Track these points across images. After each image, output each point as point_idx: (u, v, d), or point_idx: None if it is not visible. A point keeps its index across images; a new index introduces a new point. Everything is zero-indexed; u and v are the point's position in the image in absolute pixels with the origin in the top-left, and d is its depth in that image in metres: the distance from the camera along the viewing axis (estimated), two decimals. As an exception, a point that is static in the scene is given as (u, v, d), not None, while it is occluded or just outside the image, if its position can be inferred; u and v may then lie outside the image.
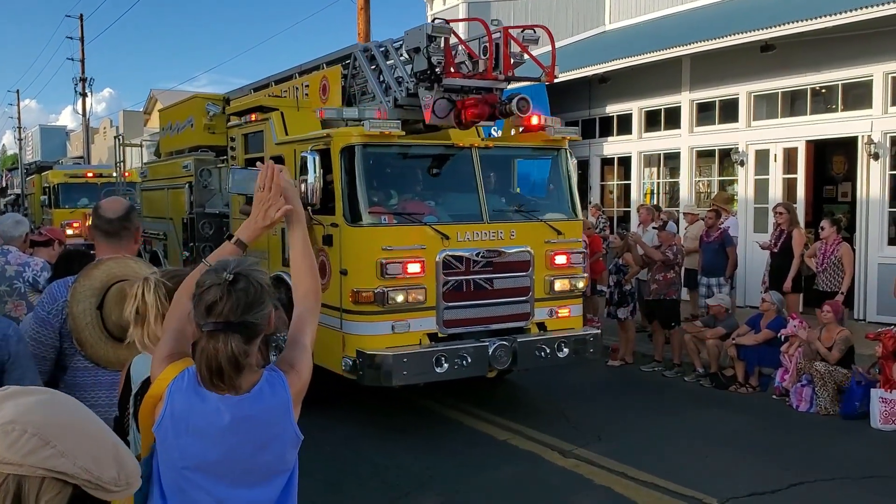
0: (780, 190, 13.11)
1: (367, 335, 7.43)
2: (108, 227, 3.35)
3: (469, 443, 7.48)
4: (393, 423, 8.05)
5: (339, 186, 7.56)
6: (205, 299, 2.18)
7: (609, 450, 7.13)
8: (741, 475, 6.55)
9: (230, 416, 2.21)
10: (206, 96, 11.75)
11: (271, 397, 2.25)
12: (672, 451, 7.20)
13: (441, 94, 7.82)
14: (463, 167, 7.96)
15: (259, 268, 2.30)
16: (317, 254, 7.85)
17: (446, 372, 7.36)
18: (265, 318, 2.22)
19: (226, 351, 2.14)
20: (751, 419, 8.22)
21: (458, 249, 7.60)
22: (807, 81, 12.83)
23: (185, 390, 2.23)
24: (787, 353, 8.81)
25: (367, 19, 16.11)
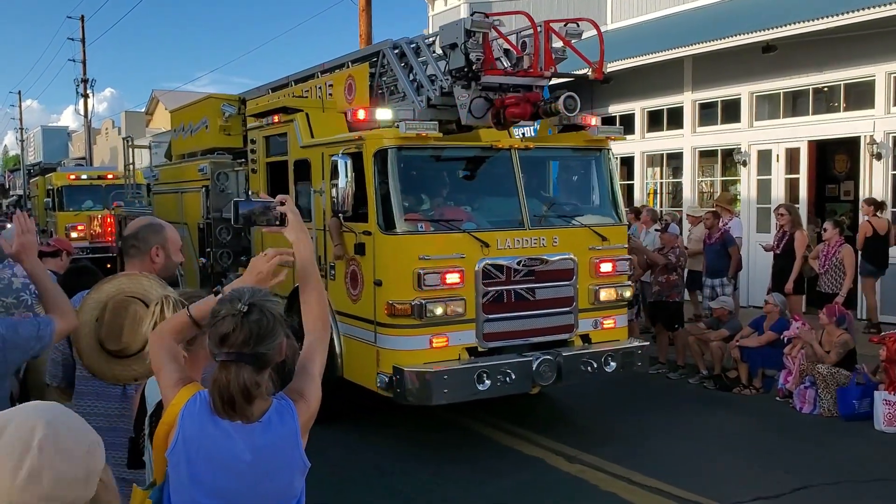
0: (783, 190, 13.22)
1: (404, 350, 6.98)
2: (123, 245, 3.58)
3: (474, 448, 7.36)
4: (398, 429, 7.89)
5: (373, 192, 7.10)
6: (219, 329, 2.22)
7: (614, 454, 7.07)
8: (745, 479, 6.56)
9: (240, 442, 2.25)
10: (221, 97, 11.29)
11: (280, 426, 2.30)
12: (676, 454, 7.20)
13: (478, 92, 7.36)
14: (502, 170, 7.50)
15: (273, 298, 2.34)
16: (347, 263, 7.42)
17: (489, 389, 6.91)
18: (277, 348, 2.28)
19: (237, 382, 2.18)
20: (754, 421, 8.19)
21: (498, 258, 7.15)
22: (809, 82, 12.86)
23: (198, 415, 2.28)
24: (791, 355, 8.75)
25: (368, 21, 16.02)
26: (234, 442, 2.25)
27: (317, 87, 9.41)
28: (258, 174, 9.25)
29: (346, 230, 7.32)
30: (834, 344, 8.38)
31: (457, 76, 7.29)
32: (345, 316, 7.63)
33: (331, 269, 7.82)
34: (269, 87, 10.77)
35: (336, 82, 8.97)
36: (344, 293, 7.59)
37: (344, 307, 7.63)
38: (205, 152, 11.77)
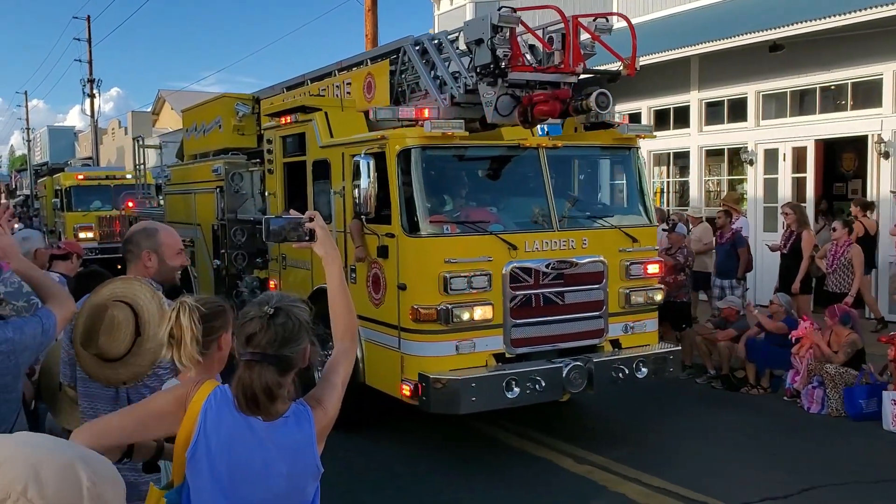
0: (790, 189, 13.18)
1: (430, 356, 6.74)
2: (122, 250, 3.58)
3: (483, 449, 7.30)
4: (407, 431, 7.77)
5: (396, 193, 6.86)
6: (245, 330, 2.30)
7: (622, 455, 7.04)
8: (753, 480, 6.53)
9: (259, 437, 2.33)
10: (235, 96, 11.05)
11: (296, 429, 2.35)
12: (684, 455, 7.21)
13: (504, 89, 7.11)
14: (529, 169, 7.27)
15: (300, 304, 2.40)
16: (370, 266, 7.17)
17: (518, 397, 6.67)
18: (301, 353, 2.34)
19: (260, 381, 2.25)
20: (762, 421, 8.15)
21: (526, 261, 6.90)
22: (816, 80, 12.79)
23: (218, 408, 2.35)
24: (798, 355, 8.71)
25: (374, 21, 15.98)
26: (251, 439, 2.33)
27: (334, 85, 9.17)
28: (275, 175, 9.01)
29: (369, 232, 7.08)
30: (842, 344, 8.35)
31: (482, 73, 7.03)
32: (366, 320, 7.39)
33: (351, 273, 7.58)
34: (284, 86, 10.52)
35: (354, 80, 8.73)
36: (365, 297, 7.34)
37: (365, 311, 7.39)
38: (217, 152, 11.54)
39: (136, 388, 3.30)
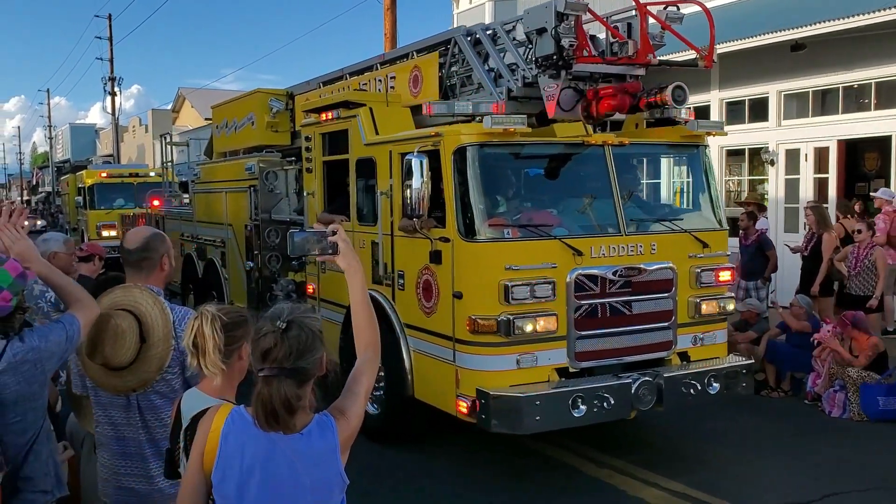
0: (811, 189, 12.97)
1: (488, 371, 6.17)
2: (128, 258, 3.46)
3: (503, 452, 7.03)
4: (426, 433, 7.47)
5: (452, 194, 6.29)
6: (260, 345, 2.30)
7: (642, 458, 6.88)
8: (774, 484, 6.40)
9: (282, 451, 2.31)
10: (269, 91, 10.51)
11: (320, 440, 2.34)
12: (704, 459, 7.03)
13: (568, 82, 6.52)
14: (595, 169, 6.67)
15: (312, 314, 2.41)
16: (421, 273, 6.61)
17: (584, 416, 6.09)
18: (317, 362, 2.35)
19: (279, 395, 2.24)
20: (783, 425, 7.97)
21: (592, 267, 6.32)
22: (838, 80, 12.54)
23: (238, 430, 2.35)
24: (820, 358, 8.56)
25: (393, 20, 15.79)
26: (275, 454, 2.32)
27: (376, 79, 8.60)
28: (313, 174, 8.45)
29: (422, 237, 6.51)
30: (864, 347, 8.20)
31: (544, 64, 6.44)
32: (416, 329, 6.83)
33: (399, 278, 7.02)
34: (320, 81, 9.96)
35: (399, 74, 8.16)
36: (415, 304, 6.78)
37: (415, 320, 6.83)
38: (249, 150, 11.02)
39: (146, 395, 3.31)
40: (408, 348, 6.93)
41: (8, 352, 2.93)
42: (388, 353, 7.11)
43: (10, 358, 2.92)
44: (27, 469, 3.02)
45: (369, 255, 7.47)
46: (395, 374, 7.05)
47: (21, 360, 2.94)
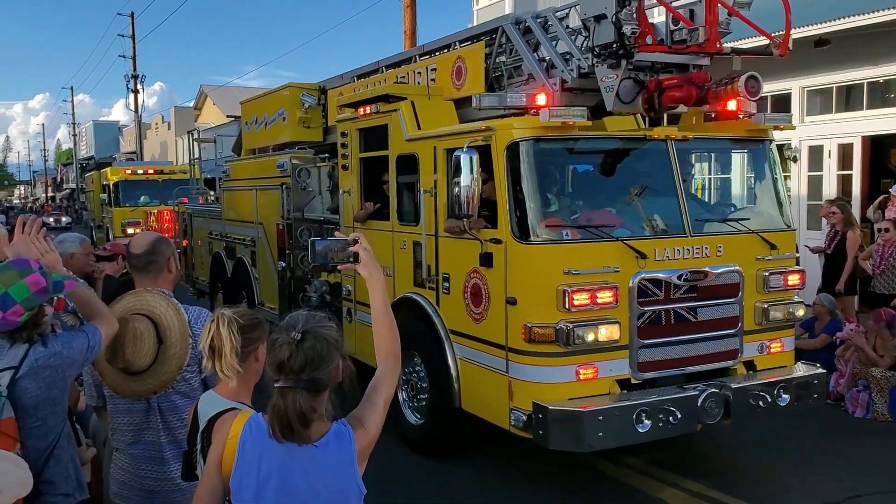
0: (835, 186, 12.56)
1: (546, 383, 5.67)
2: (136, 263, 3.45)
3: (518, 452, 6.67)
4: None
5: (504, 192, 5.80)
6: (276, 357, 2.28)
7: (660, 458, 6.72)
8: (795, 486, 6.25)
9: (299, 462, 2.29)
10: (300, 86, 10.04)
11: (337, 450, 2.32)
12: (724, 459, 6.86)
13: (628, 73, 6.00)
14: (657, 165, 6.16)
15: (327, 323, 2.36)
16: (469, 276, 6.12)
17: (649, 431, 5.58)
18: (333, 372, 2.32)
19: (294, 407, 2.22)
20: (805, 425, 7.60)
21: (656, 271, 5.81)
22: (863, 76, 12.12)
23: (256, 438, 2.33)
24: (843, 358, 8.41)
25: (413, 16, 15.57)
26: (292, 463, 2.29)
27: (415, 72, 8.11)
28: (349, 171, 7.98)
29: (471, 238, 6.01)
30: (888, 347, 8.03)
31: (602, 54, 5.92)
32: (463, 336, 6.35)
33: (444, 282, 6.53)
34: (354, 75, 9.48)
35: (440, 66, 7.66)
36: (462, 310, 6.30)
37: (462, 326, 6.35)
38: (279, 147, 10.57)
39: (167, 396, 3.28)
40: (454, 356, 6.46)
41: (30, 356, 2.94)
42: (433, 361, 6.65)
43: (31, 363, 2.93)
44: (48, 473, 3.03)
45: (410, 256, 7.00)
46: (439, 383, 6.58)
47: (43, 364, 2.94)
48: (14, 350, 2.95)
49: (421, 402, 6.95)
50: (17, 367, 2.92)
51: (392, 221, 7.27)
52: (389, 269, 7.33)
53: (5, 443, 2.82)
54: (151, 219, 21.08)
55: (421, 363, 6.88)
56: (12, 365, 2.92)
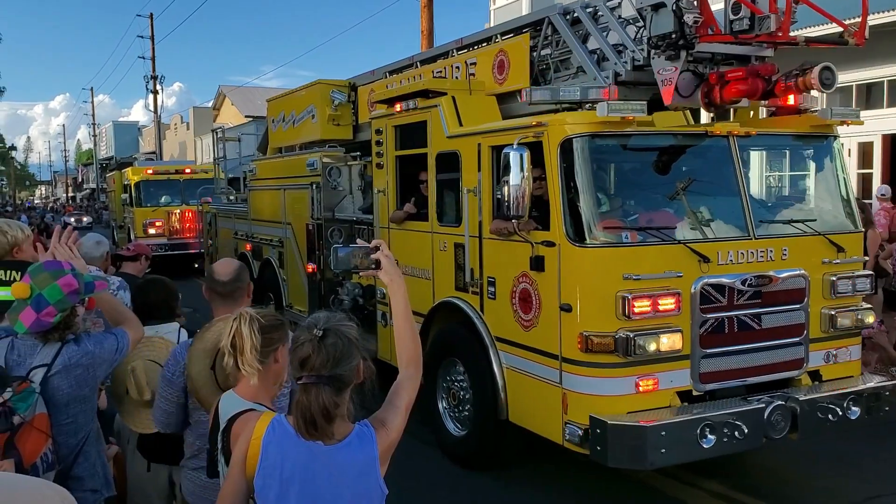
0: (855, 185, 12.03)
1: (603, 395, 5.25)
2: (222, 290, 3.46)
3: (534, 452, 6.42)
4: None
5: (558, 192, 5.38)
6: (298, 354, 2.30)
7: None
8: (817, 486, 6.11)
9: (322, 462, 2.29)
10: (330, 83, 9.65)
11: (359, 451, 2.32)
12: (744, 460, 6.51)
13: (687, 65, 5.58)
14: (718, 163, 5.72)
15: (348, 322, 2.38)
16: (517, 281, 5.71)
17: (713, 447, 5.15)
18: (354, 370, 2.33)
19: (318, 403, 2.24)
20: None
21: (720, 276, 5.38)
22: (884, 73, 11.92)
23: (279, 439, 2.34)
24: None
25: (430, 17, 15.43)
26: (315, 464, 2.29)
27: (453, 66, 7.70)
28: (384, 169, 7.58)
29: (521, 240, 5.60)
30: None
31: (659, 44, 5.50)
32: (509, 344, 5.95)
33: (489, 286, 6.13)
34: (386, 71, 9.08)
35: (481, 60, 7.25)
36: (509, 316, 5.89)
37: (508, 334, 5.94)
38: (307, 145, 10.20)
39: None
40: (500, 365, 6.05)
41: (63, 354, 2.99)
42: (476, 369, 6.25)
43: (64, 361, 2.98)
44: (77, 469, 3.07)
45: (451, 258, 6.60)
46: (484, 393, 6.18)
47: (75, 363, 2.99)
48: (47, 348, 3.00)
49: (463, 412, 6.55)
50: (49, 365, 2.96)
51: (431, 222, 6.88)
52: (428, 272, 6.94)
53: (38, 438, 2.84)
54: (174, 218, 20.81)
55: (464, 372, 6.47)
56: (45, 362, 2.96)
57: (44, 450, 2.86)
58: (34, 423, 2.83)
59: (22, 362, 2.99)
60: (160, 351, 3.71)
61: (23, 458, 2.77)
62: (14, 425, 2.77)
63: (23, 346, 3.02)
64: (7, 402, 2.78)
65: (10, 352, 3.01)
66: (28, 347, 3.02)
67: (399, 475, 2.84)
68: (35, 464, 2.81)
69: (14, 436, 2.77)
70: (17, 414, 2.79)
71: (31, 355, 3.00)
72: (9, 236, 4.19)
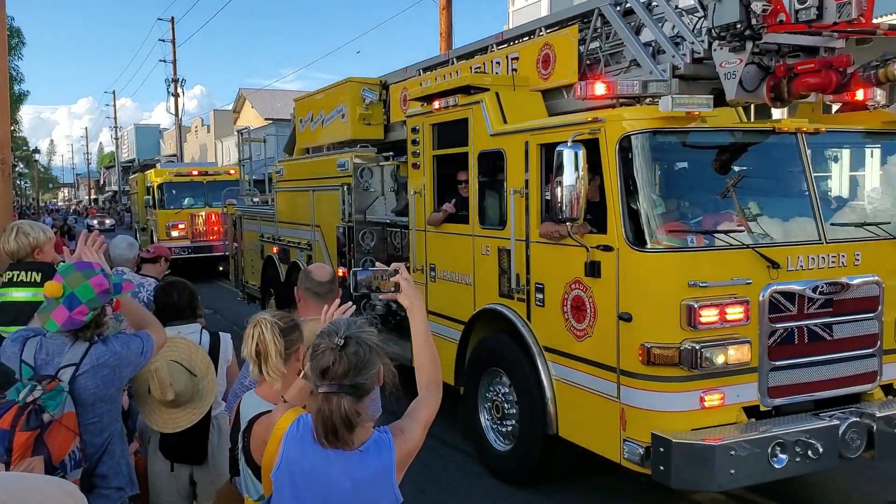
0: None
1: (665, 411, 4.83)
2: (320, 290, 3.61)
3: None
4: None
5: (616, 192, 4.97)
6: (319, 363, 2.25)
7: None
8: (837, 490, 5.91)
9: (338, 469, 2.26)
10: (360, 81, 9.28)
11: (376, 457, 2.29)
12: None
13: (751, 57, 5.15)
14: (785, 162, 5.30)
15: (368, 328, 2.35)
16: (569, 287, 5.30)
17: (785, 468, 4.74)
18: (374, 377, 2.30)
19: (340, 412, 2.20)
20: None
21: (790, 282, 4.95)
22: None
23: (299, 439, 2.31)
24: None
25: (449, 19, 15.19)
26: (332, 467, 2.26)
27: (492, 62, 7.30)
28: (421, 170, 7.19)
29: (575, 245, 5.19)
30: None
31: (722, 35, 5.08)
32: (560, 355, 5.54)
33: (537, 293, 5.72)
34: (419, 68, 8.70)
35: (524, 54, 6.84)
36: (560, 325, 5.49)
37: (559, 343, 5.54)
38: (336, 145, 9.83)
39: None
40: (549, 376, 5.65)
41: (91, 354, 3.02)
42: (523, 381, 5.85)
43: (92, 361, 3.01)
44: (102, 467, 3.08)
45: (494, 263, 6.20)
46: (531, 406, 5.78)
47: (102, 363, 3.01)
48: (76, 347, 3.02)
49: (507, 425, 6.15)
50: (77, 364, 2.98)
51: (472, 225, 6.48)
52: (468, 277, 6.54)
53: (67, 436, 2.84)
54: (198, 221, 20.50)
55: (509, 384, 6.07)
56: (73, 362, 2.98)
57: (72, 447, 2.87)
58: (63, 420, 2.84)
59: (50, 361, 3.02)
60: (182, 351, 3.74)
61: (52, 455, 2.78)
62: (44, 423, 2.78)
63: (52, 345, 3.04)
64: (37, 400, 2.79)
65: (38, 351, 3.04)
66: (57, 346, 3.04)
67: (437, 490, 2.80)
68: (63, 461, 2.82)
69: (43, 433, 2.77)
70: (47, 412, 2.80)
71: (60, 354, 3.02)
72: (31, 238, 4.38)
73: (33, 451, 2.73)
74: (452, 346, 6.72)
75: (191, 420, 3.69)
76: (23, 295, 4.49)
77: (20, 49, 30.62)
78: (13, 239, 4.39)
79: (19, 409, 2.73)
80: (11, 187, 9.55)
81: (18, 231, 4.42)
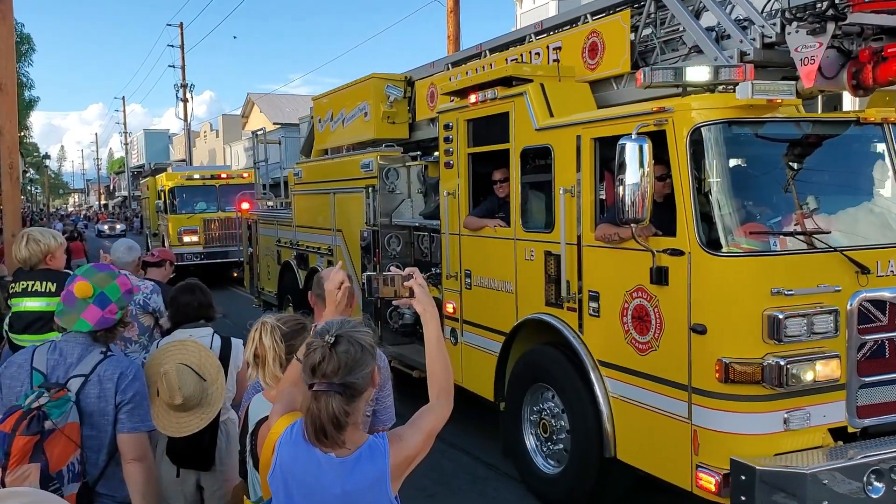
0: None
1: (745, 434, 4.27)
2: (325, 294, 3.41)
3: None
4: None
5: (687, 190, 4.42)
6: (310, 360, 2.21)
7: None
8: None
9: (330, 474, 2.20)
10: (384, 77, 8.74)
11: (369, 464, 2.23)
12: None
13: (832, 40, 4.60)
14: (870, 155, 4.74)
15: (362, 328, 2.30)
16: (630, 296, 4.74)
17: (882, 497, 4.17)
18: (367, 377, 2.24)
19: (328, 411, 2.15)
20: None
21: (879, 290, 4.39)
22: None
23: (293, 443, 2.26)
24: None
25: (456, 21, 14.87)
26: (324, 473, 2.21)
27: (531, 52, 6.76)
28: (454, 169, 6.65)
29: (640, 248, 4.64)
30: None
31: (799, 17, 4.54)
32: (619, 370, 4.99)
33: (591, 302, 5.17)
34: (447, 63, 8.17)
35: (567, 43, 6.30)
36: (619, 337, 4.93)
37: (617, 357, 4.98)
38: (357, 145, 9.30)
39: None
40: (605, 393, 5.09)
41: (101, 366, 2.96)
42: (574, 398, 5.29)
43: (100, 372, 2.94)
44: (101, 487, 2.96)
45: (540, 269, 5.65)
46: (585, 426, 5.22)
47: (107, 377, 2.94)
48: (88, 359, 2.96)
49: (556, 446, 5.59)
50: (86, 376, 2.92)
51: (514, 227, 5.94)
52: (510, 284, 5.99)
53: (67, 446, 2.78)
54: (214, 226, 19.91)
55: (559, 402, 5.52)
56: (84, 373, 2.93)
57: (71, 459, 2.80)
58: (65, 430, 2.80)
59: (62, 362, 2.95)
60: (193, 355, 3.67)
61: (49, 463, 2.73)
62: (44, 430, 2.73)
63: (65, 347, 2.99)
64: (42, 406, 2.76)
65: (51, 352, 2.97)
66: (70, 347, 2.98)
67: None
68: (61, 471, 2.77)
69: (43, 440, 2.73)
70: (50, 419, 2.76)
71: (72, 355, 2.96)
72: (41, 244, 4.53)
73: (31, 458, 2.70)
74: (491, 359, 6.17)
75: (198, 425, 3.60)
76: (37, 305, 4.64)
77: (30, 55, 30.25)
78: (24, 246, 4.60)
79: (22, 414, 2.71)
80: (20, 192, 9.12)
81: (29, 238, 4.63)
